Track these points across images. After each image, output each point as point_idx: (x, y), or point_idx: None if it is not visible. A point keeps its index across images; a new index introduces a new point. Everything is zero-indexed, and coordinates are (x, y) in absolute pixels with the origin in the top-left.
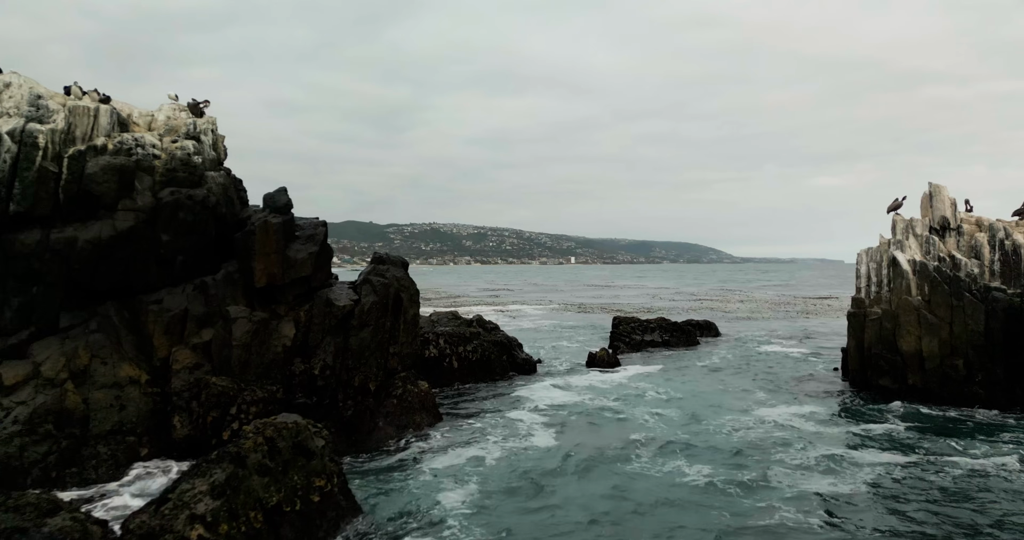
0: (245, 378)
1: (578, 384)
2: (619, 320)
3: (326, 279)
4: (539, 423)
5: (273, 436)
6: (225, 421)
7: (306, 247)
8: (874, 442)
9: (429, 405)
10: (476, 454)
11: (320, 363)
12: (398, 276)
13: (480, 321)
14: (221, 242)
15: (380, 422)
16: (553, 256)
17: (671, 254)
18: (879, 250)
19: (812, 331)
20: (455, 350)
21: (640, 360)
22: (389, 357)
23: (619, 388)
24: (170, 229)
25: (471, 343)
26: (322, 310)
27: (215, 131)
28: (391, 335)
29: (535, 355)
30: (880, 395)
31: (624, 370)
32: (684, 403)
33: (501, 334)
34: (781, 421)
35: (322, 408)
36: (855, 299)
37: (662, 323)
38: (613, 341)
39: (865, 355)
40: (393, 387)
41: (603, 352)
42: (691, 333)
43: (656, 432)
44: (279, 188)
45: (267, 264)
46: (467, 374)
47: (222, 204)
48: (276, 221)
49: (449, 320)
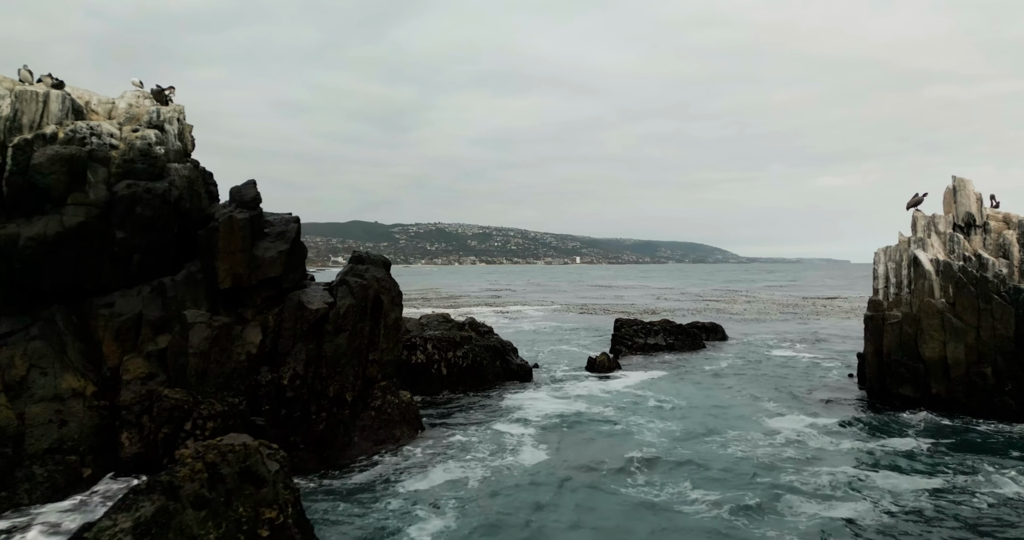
0: (203, 390)
1: (575, 392)
2: (621, 322)
3: (300, 280)
4: (529, 437)
5: (215, 461)
6: (179, 438)
7: (276, 245)
8: (896, 461)
9: (411, 417)
10: (458, 475)
11: (290, 372)
12: (378, 277)
13: (473, 324)
14: (185, 240)
15: (356, 436)
16: (558, 256)
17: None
18: (898, 249)
19: (823, 333)
20: (444, 356)
21: (642, 365)
22: (368, 365)
23: (618, 397)
24: (126, 225)
25: (461, 348)
26: (293, 314)
27: (182, 120)
28: (370, 341)
29: (532, 359)
30: (900, 405)
31: (625, 376)
32: (688, 413)
33: (495, 338)
34: (793, 436)
35: (292, 421)
36: (872, 301)
37: (666, 326)
38: (615, 344)
39: (884, 362)
40: (372, 398)
41: (603, 357)
42: (696, 336)
43: (656, 448)
44: (247, 181)
45: (232, 264)
46: (457, 381)
47: (186, 198)
48: (242, 217)
49: (439, 323)
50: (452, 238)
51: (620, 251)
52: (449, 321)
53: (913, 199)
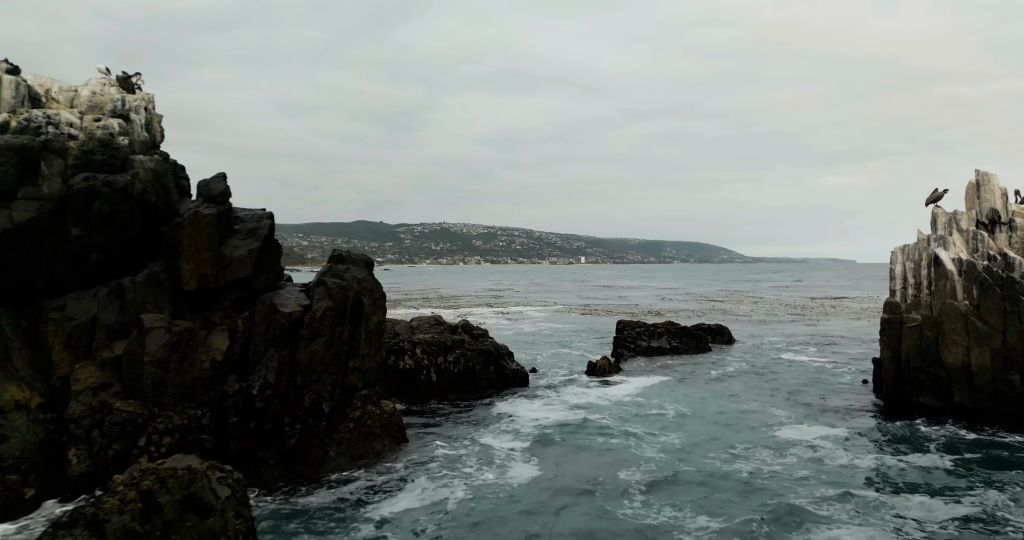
0: (160, 401)
1: (572, 399)
2: (623, 324)
3: (273, 281)
4: (520, 451)
5: (153, 488)
6: (131, 455)
7: (246, 243)
8: (919, 480)
9: (393, 429)
10: (438, 496)
11: (260, 381)
12: (359, 277)
13: (466, 327)
14: (150, 238)
15: (331, 451)
16: (563, 256)
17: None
18: (917, 247)
19: (833, 336)
20: (434, 361)
21: (645, 369)
22: (348, 372)
23: (618, 405)
24: (82, 222)
25: (453, 353)
26: (265, 317)
27: (151, 109)
28: (350, 346)
29: (530, 363)
30: (920, 415)
31: (627, 381)
32: (691, 423)
33: (489, 342)
34: (805, 450)
35: (262, 434)
36: (889, 303)
37: (670, 328)
38: (616, 347)
39: (902, 368)
40: (351, 408)
41: (604, 361)
42: (702, 339)
43: (656, 463)
44: (216, 174)
45: (198, 263)
46: (448, 388)
47: (151, 193)
48: (209, 212)
49: (431, 326)
50: (457, 238)
51: (625, 251)
52: (441, 323)
53: (932, 195)
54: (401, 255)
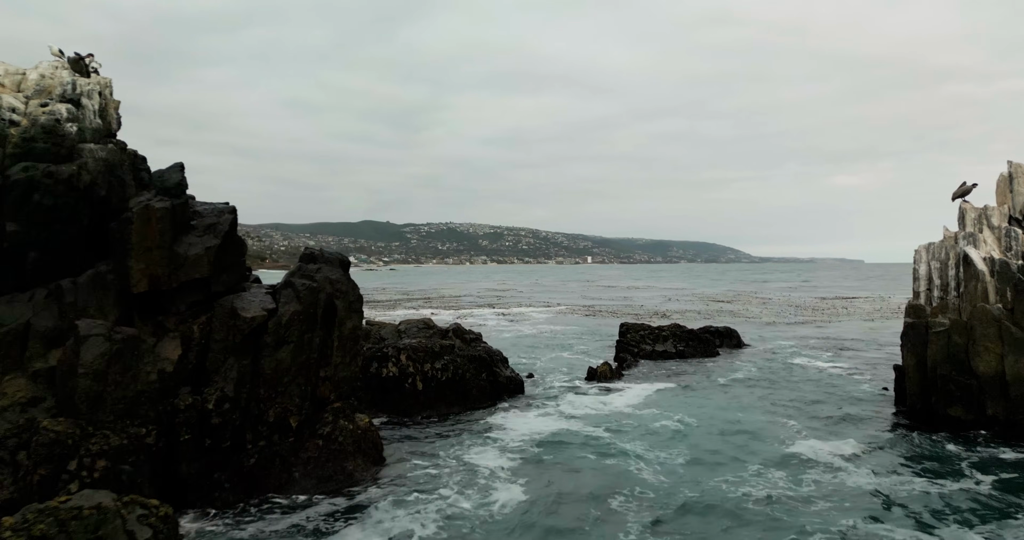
0: (97, 419)
1: (569, 409)
2: (627, 327)
3: (236, 282)
4: (506, 469)
5: (49, 533)
6: (60, 481)
7: (203, 240)
8: (954, 507)
9: (368, 446)
10: (403, 527)
11: (217, 393)
12: (332, 278)
13: (458, 331)
14: (98, 235)
15: (296, 472)
16: (570, 256)
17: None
18: (943, 246)
19: (846, 339)
20: (420, 368)
21: (648, 375)
22: (318, 383)
23: (618, 416)
24: (19, 216)
25: (441, 359)
26: (224, 323)
27: (106, 94)
28: (321, 354)
29: (528, 368)
30: (949, 428)
31: (628, 388)
32: (696, 438)
33: (482, 347)
34: (822, 472)
35: (219, 454)
36: (913, 306)
37: (676, 331)
38: (619, 351)
39: (928, 376)
40: (322, 423)
41: (605, 367)
42: (709, 342)
43: (656, 486)
44: (172, 164)
45: (148, 263)
46: (435, 398)
47: (102, 186)
48: (161, 206)
49: (419, 330)
50: (463, 238)
51: (632, 251)
52: (430, 327)
53: (960, 188)
54: (407, 255)
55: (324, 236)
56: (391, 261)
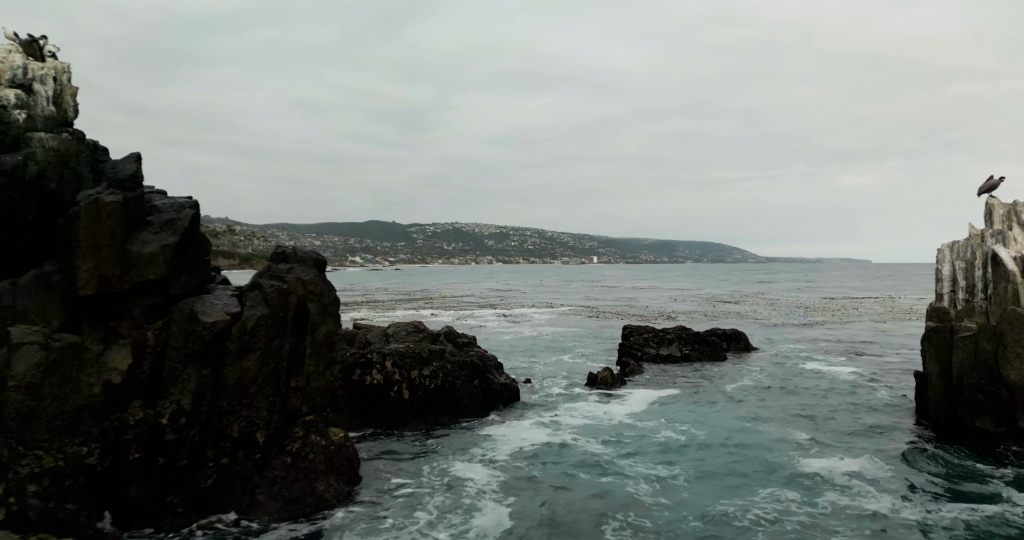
0: (29, 437)
1: (566, 419)
2: (630, 330)
3: (199, 284)
4: (494, 489)
5: None
6: None
7: (160, 237)
8: (989, 535)
9: (342, 464)
10: None
11: (172, 407)
12: (305, 279)
13: (450, 334)
14: (48, 232)
15: (260, 494)
16: (575, 255)
17: (695, 253)
18: (969, 244)
19: (858, 342)
20: (407, 375)
21: (652, 381)
22: (288, 394)
23: (618, 427)
24: None
25: (429, 366)
26: (183, 328)
27: (62, 80)
28: (292, 363)
29: (526, 373)
30: (977, 442)
31: (631, 395)
32: (701, 453)
33: (475, 352)
34: (839, 493)
35: (175, 474)
36: (936, 309)
37: (681, 333)
38: (622, 355)
39: (954, 385)
40: (292, 438)
41: (605, 372)
42: (716, 346)
43: (656, 512)
44: (128, 155)
45: (98, 262)
46: (423, 407)
47: (51, 178)
48: (112, 199)
49: (408, 334)
50: (469, 238)
51: (638, 251)
52: (420, 331)
53: (987, 183)
54: (413, 255)
55: (330, 236)
56: (397, 261)
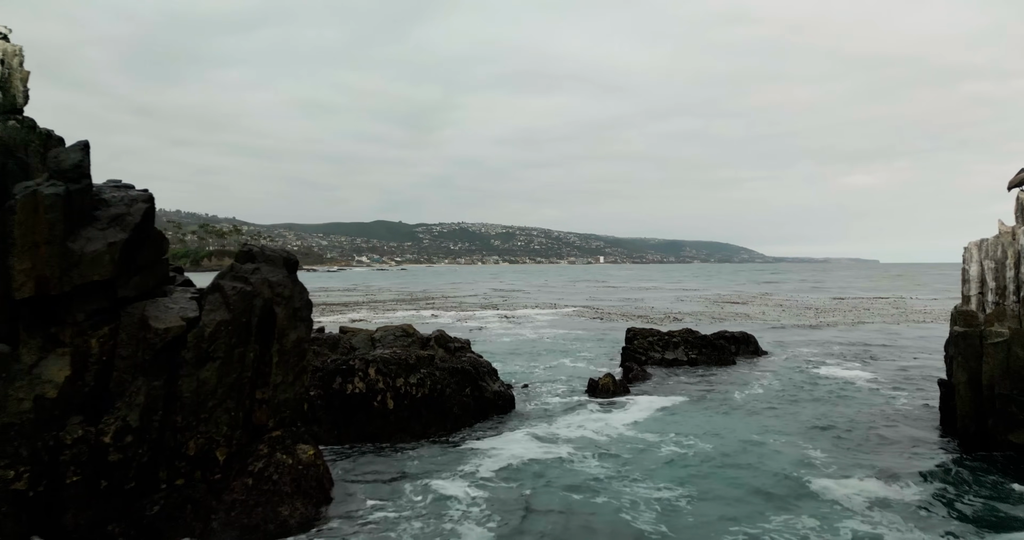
0: None
1: (563, 431)
2: (634, 333)
3: (155, 286)
4: (478, 513)
5: None
6: None
7: (107, 234)
8: None
9: (311, 485)
10: None
11: (118, 423)
12: (273, 280)
13: (441, 339)
14: None
15: (216, 520)
16: (582, 255)
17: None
18: (999, 243)
19: (872, 345)
20: (391, 384)
21: (658, 388)
22: (253, 407)
23: (619, 441)
24: None
25: (416, 373)
26: (132, 335)
27: (11, 64)
28: (257, 373)
29: (524, 378)
30: (1011, 457)
31: (634, 404)
32: (708, 471)
33: (467, 358)
34: (859, 521)
35: (120, 498)
36: (962, 312)
37: (688, 336)
38: (625, 359)
39: (984, 395)
40: (255, 456)
41: (607, 379)
42: (724, 349)
43: None
44: (74, 143)
45: (35, 261)
46: (409, 418)
47: None
48: (51, 192)
49: (396, 338)
50: (475, 238)
51: (644, 251)
52: (409, 335)
53: (1018, 176)
54: (420, 255)
55: (337, 236)
56: (403, 261)
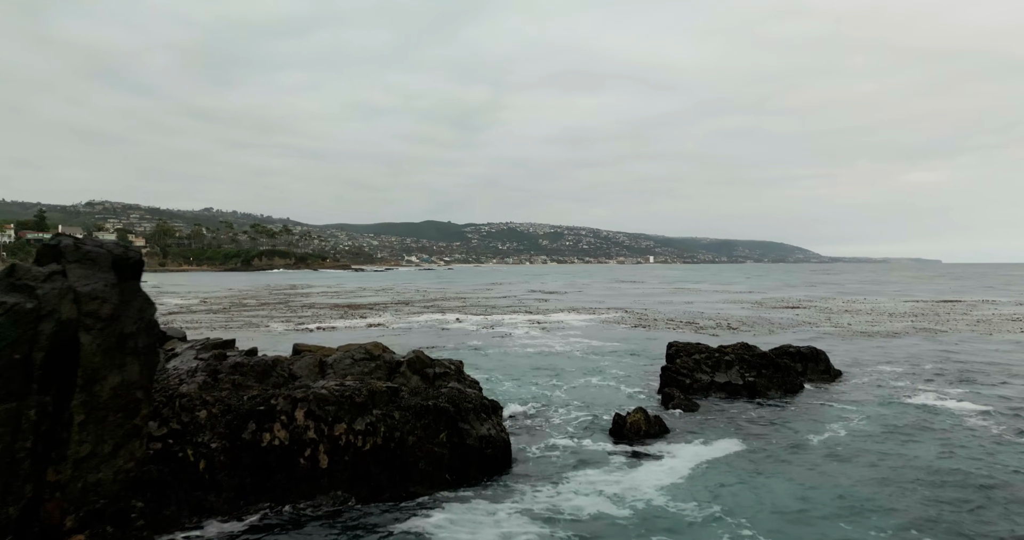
0: None
1: (570, 501)
2: (677, 348)
3: None
4: None
5: None
6: None
7: None
8: None
9: None
10: None
11: None
12: (82, 291)
13: (417, 363)
14: None
15: None
16: (631, 255)
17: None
18: None
19: (975, 362)
20: (327, 431)
21: (705, 427)
22: (41, 498)
23: (648, 520)
24: None
25: (366, 415)
26: None
27: None
28: (46, 440)
29: (539, 401)
30: None
31: (672, 454)
32: None
33: (448, 389)
34: None
35: None
36: None
37: (743, 353)
38: (665, 384)
39: None
40: None
41: (639, 416)
42: (789, 371)
43: None
44: None
45: None
46: (352, 479)
47: None
48: None
49: (356, 362)
50: (523, 237)
51: (695, 250)
52: (376, 357)
53: None
54: (468, 254)
55: (387, 236)
56: (452, 260)
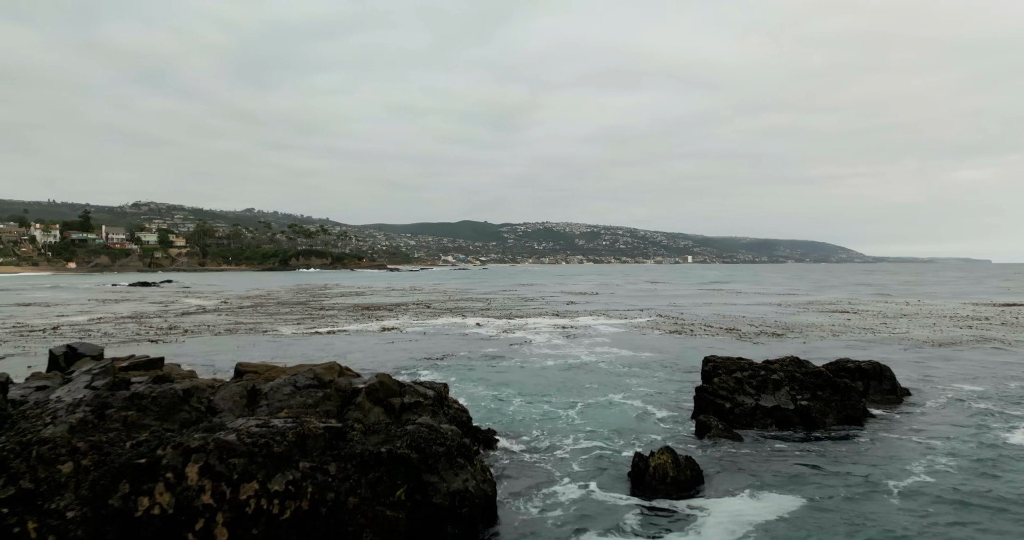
0: None
1: None
2: (715, 364)
3: None
4: None
5: None
6: None
7: None
8: None
9: None
10: None
11: None
12: None
13: (379, 390)
14: None
15: None
16: (669, 255)
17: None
18: None
19: None
20: (231, 495)
21: (747, 471)
22: None
23: None
24: None
25: (288, 469)
26: None
27: None
28: None
29: (544, 431)
30: None
31: (707, 515)
32: None
33: (416, 425)
34: None
35: None
36: None
37: (794, 370)
38: (699, 408)
39: None
40: None
41: (665, 458)
42: (849, 391)
43: None
44: None
45: None
46: None
47: None
48: None
49: (299, 390)
50: (560, 237)
51: (735, 250)
52: (324, 385)
53: None
54: (504, 254)
55: (424, 236)
56: (488, 260)
